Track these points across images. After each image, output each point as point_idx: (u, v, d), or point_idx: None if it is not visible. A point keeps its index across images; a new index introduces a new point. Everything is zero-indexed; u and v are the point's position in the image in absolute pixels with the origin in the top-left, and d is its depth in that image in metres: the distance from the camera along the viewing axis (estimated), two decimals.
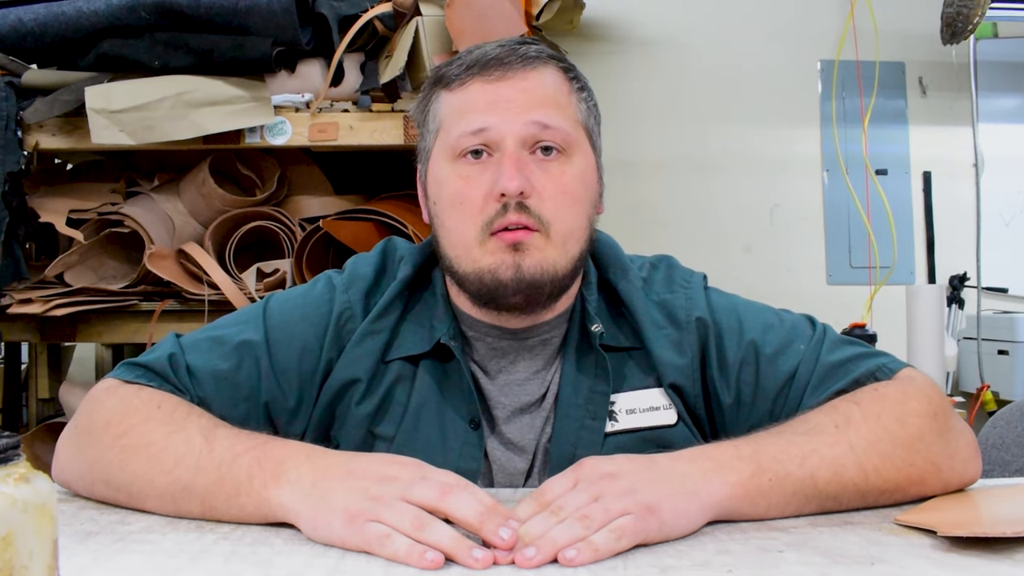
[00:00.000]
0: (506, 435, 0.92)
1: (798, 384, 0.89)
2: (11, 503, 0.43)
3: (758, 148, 2.79)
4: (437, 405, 0.91)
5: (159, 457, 0.76)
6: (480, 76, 0.87)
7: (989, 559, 0.63)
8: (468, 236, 0.85)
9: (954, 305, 2.76)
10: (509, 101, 0.86)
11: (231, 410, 0.88)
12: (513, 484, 0.91)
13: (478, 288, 0.86)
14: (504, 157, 0.84)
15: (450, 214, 0.87)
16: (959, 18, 2.40)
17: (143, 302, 1.78)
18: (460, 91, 0.88)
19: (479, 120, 0.85)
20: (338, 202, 1.90)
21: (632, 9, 2.77)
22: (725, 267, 2.70)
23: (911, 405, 0.81)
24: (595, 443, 0.89)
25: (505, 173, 0.83)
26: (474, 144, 0.85)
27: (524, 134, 0.85)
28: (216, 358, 0.89)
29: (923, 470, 0.78)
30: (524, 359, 0.93)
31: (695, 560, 0.64)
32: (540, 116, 0.86)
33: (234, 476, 0.73)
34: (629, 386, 0.91)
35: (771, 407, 0.90)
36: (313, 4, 1.73)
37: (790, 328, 0.93)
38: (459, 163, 0.87)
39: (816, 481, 0.75)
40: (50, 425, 1.86)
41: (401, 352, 0.92)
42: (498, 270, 0.84)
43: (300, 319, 0.92)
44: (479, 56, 0.88)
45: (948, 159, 2.81)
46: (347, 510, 0.66)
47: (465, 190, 0.86)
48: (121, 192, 1.87)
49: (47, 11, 1.71)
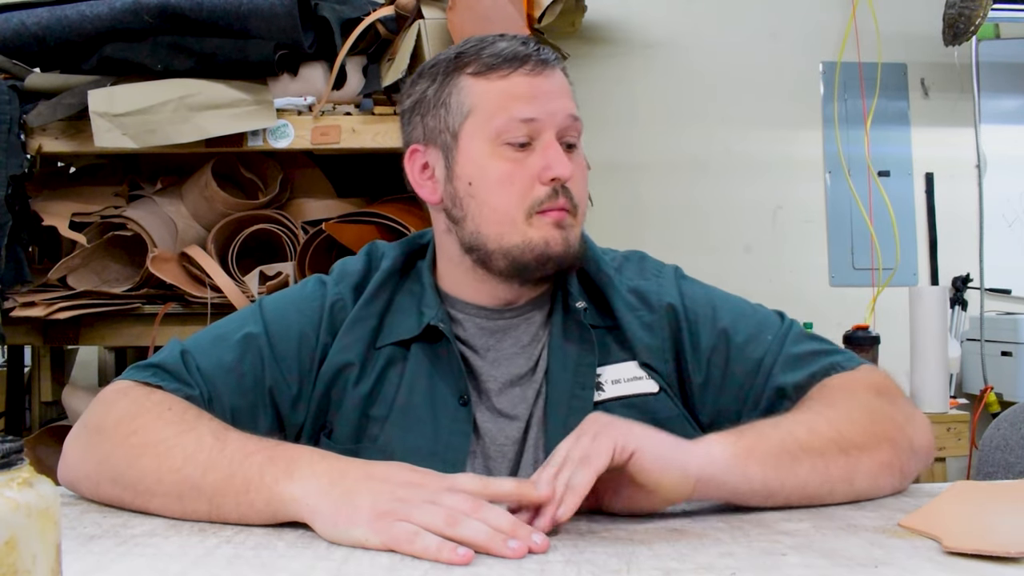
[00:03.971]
0: (497, 406, 0.97)
1: (763, 372, 0.96)
2: (14, 507, 0.43)
3: (760, 150, 2.79)
4: (428, 384, 0.96)
5: (169, 454, 0.77)
6: (522, 69, 0.94)
7: (993, 563, 0.63)
8: (515, 213, 0.93)
9: (957, 307, 2.75)
10: (549, 94, 0.94)
11: (239, 400, 0.93)
12: (504, 455, 0.96)
13: (521, 258, 0.93)
14: (550, 146, 0.93)
15: (496, 192, 0.93)
16: (961, 19, 2.40)
17: (146, 305, 1.78)
18: (501, 81, 0.94)
19: (528, 110, 0.92)
20: (340, 205, 1.90)
21: (634, 11, 2.77)
22: (727, 269, 2.69)
23: (862, 390, 0.91)
24: (585, 411, 0.94)
25: (560, 160, 0.92)
26: (523, 131, 0.92)
27: (563, 125, 0.94)
28: (221, 352, 0.94)
29: (887, 428, 0.86)
30: (511, 336, 0.99)
31: (698, 563, 0.64)
32: (574, 110, 0.96)
33: (245, 472, 0.73)
34: (612, 360, 0.98)
35: (738, 391, 0.97)
36: (315, 7, 1.74)
37: (761, 319, 1.01)
38: (502, 147, 0.93)
39: (795, 437, 0.81)
40: (53, 428, 1.86)
41: (392, 338, 0.98)
42: (550, 242, 0.93)
43: (295, 312, 0.98)
44: (511, 51, 0.94)
45: (950, 160, 2.81)
46: (375, 508, 0.67)
47: (514, 171, 0.93)
48: (124, 195, 1.88)
49: (50, 15, 1.72)
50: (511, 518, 0.68)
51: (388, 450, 0.93)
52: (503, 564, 0.64)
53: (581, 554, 0.67)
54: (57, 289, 1.77)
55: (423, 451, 0.93)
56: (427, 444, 0.93)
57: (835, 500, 0.82)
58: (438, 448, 0.93)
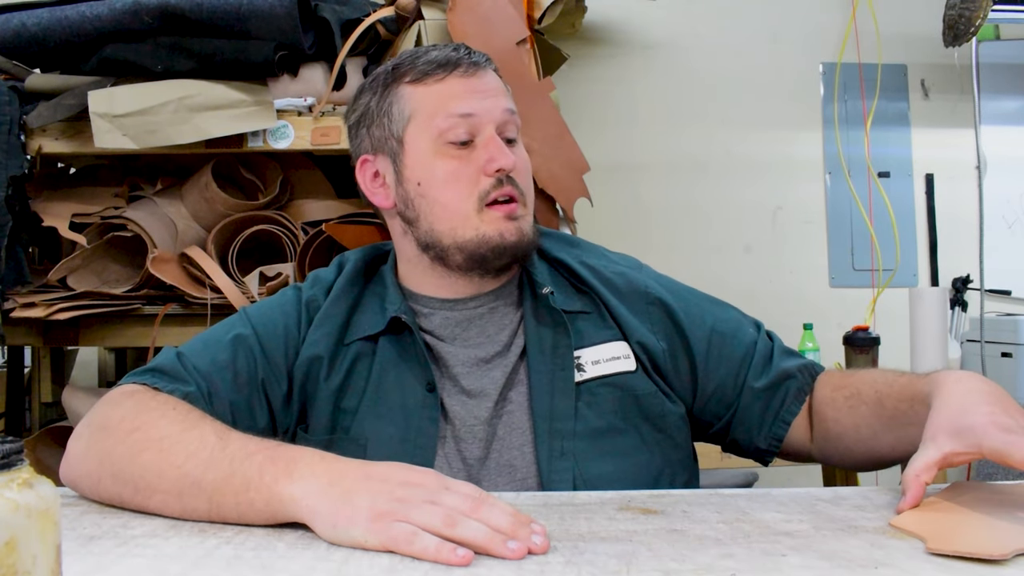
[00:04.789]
0: (464, 386, 1.00)
1: (760, 354, 1.04)
2: (14, 508, 0.43)
3: (760, 151, 2.79)
4: (396, 375, 1.00)
5: (171, 450, 0.78)
6: (456, 72, 0.99)
7: (993, 562, 0.63)
8: (466, 208, 0.98)
9: (957, 308, 2.75)
10: (485, 91, 1.00)
11: (236, 396, 0.96)
12: (475, 435, 0.98)
13: (478, 251, 0.98)
14: (490, 139, 0.98)
15: (444, 190, 0.98)
16: (961, 20, 2.40)
17: (146, 306, 1.78)
18: (438, 84, 0.99)
19: (466, 106, 0.98)
20: (340, 206, 1.90)
21: (634, 13, 2.77)
22: (728, 270, 2.71)
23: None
24: (568, 391, 0.99)
25: (502, 152, 0.97)
26: (463, 127, 0.98)
27: (501, 119, 1.00)
28: (214, 352, 0.98)
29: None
30: (477, 325, 1.03)
31: (698, 564, 0.64)
32: (509, 104, 1.02)
33: (245, 471, 0.74)
34: (590, 342, 1.02)
35: (736, 371, 1.04)
36: (315, 8, 1.74)
37: (735, 314, 1.10)
38: (446, 146, 0.98)
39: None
40: (53, 429, 1.86)
41: (359, 334, 1.02)
42: (504, 234, 0.98)
43: (279, 313, 1.03)
44: (443, 57, 1.00)
45: (950, 161, 2.81)
46: (373, 508, 0.67)
47: (459, 168, 0.98)
48: (124, 196, 1.88)
49: (50, 15, 1.72)
50: (511, 518, 0.68)
51: (361, 440, 0.96)
52: (503, 565, 0.64)
53: (581, 555, 0.67)
54: (57, 290, 1.77)
55: (395, 439, 0.96)
56: (398, 432, 0.96)
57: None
58: (409, 434, 0.96)
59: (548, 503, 0.83)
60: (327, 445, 0.94)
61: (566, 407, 0.97)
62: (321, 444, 0.94)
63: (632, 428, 0.99)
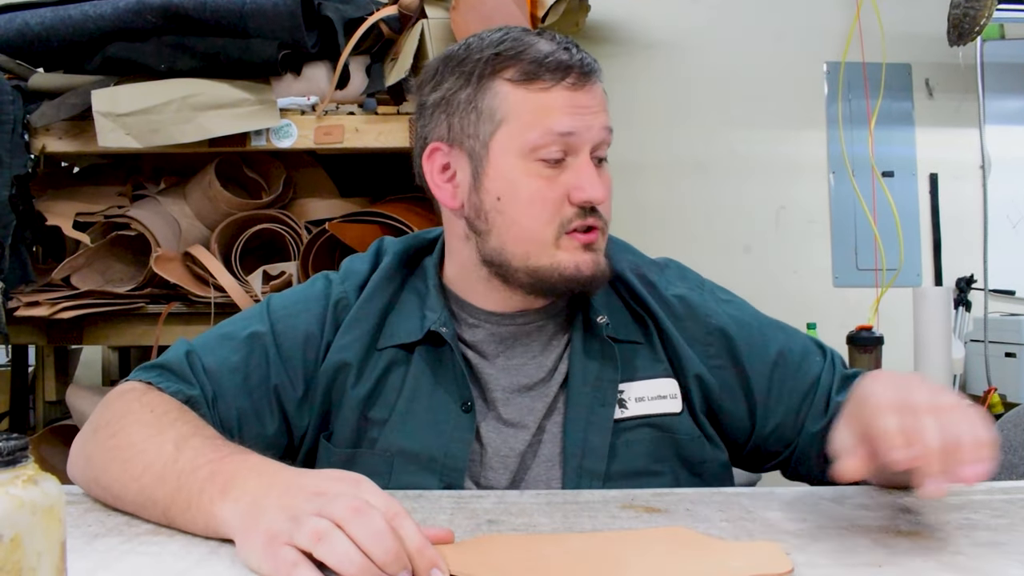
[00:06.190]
0: (503, 415, 0.94)
1: (823, 388, 0.97)
2: (19, 505, 0.43)
3: (764, 150, 2.78)
4: (430, 389, 0.93)
5: (132, 462, 0.76)
6: (564, 82, 0.89)
7: (997, 562, 0.63)
8: (544, 234, 0.89)
9: (961, 307, 2.75)
10: (588, 107, 0.90)
11: (245, 401, 0.91)
12: (506, 466, 0.93)
13: (548, 280, 0.90)
14: (584, 165, 0.89)
15: (524, 211, 0.89)
16: (966, 19, 2.39)
17: (150, 305, 1.78)
18: (542, 94, 0.89)
19: (567, 123, 0.88)
20: (344, 204, 1.90)
21: (637, 12, 2.77)
22: (730, 270, 2.69)
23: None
24: (604, 429, 0.92)
25: (594, 183, 0.89)
26: (559, 146, 0.88)
27: (598, 140, 0.91)
28: (227, 352, 0.93)
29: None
30: (522, 343, 0.96)
31: None
32: (608, 122, 0.92)
33: (188, 488, 0.70)
34: (638, 376, 0.96)
35: (799, 406, 0.97)
36: (318, 7, 1.74)
37: (804, 340, 1.02)
38: (535, 163, 0.89)
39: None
40: (57, 428, 1.86)
41: (394, 340, 0.95)
42: (580, 266, 0.90)
43: (302, 310, 0.97)
44: (555, 60, 0.89)
45: (955, 161, 2.80)
46: (269, 531, 0.61)
47: (546, 190, 0.89)
48: (127, 195, 1.88)
49: (54, 15, 1.72)
50: (390, 538, 0.59)
51: (387, 455, 0.92)
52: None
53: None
54: (61, 289, 1.77)
55: (421, 457, 0.91)
56: (425, 450, 0.91)
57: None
58: (436, 454, 0.91)
59: (551, 501, 0.83)
60: (351, 458, 0.92)
61: (600, 445, 0.92)
62: (345, 457, 0.92)
63: (668, 472, 0.94)
